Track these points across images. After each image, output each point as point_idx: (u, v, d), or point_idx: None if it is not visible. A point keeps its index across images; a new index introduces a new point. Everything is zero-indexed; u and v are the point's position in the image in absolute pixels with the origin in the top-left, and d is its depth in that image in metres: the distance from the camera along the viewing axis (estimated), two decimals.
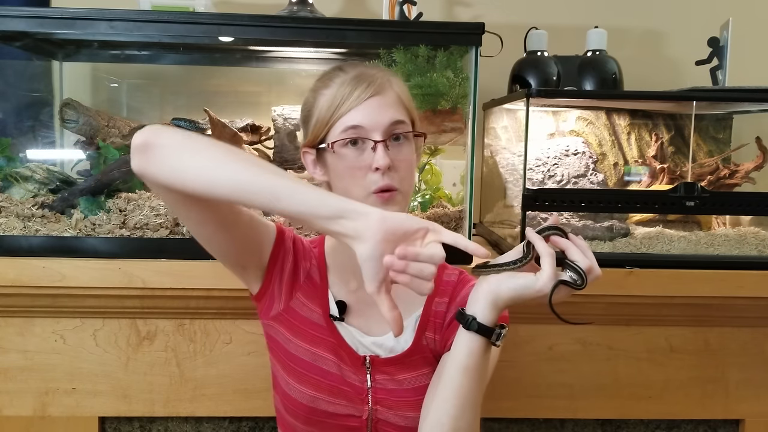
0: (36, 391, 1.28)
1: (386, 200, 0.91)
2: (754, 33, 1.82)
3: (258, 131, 1.58)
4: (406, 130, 0.94)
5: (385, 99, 0.92)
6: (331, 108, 0.92)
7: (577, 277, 0.82)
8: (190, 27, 1.28)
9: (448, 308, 0.99)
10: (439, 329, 0.98)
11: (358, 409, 0.94)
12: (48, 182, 1.40)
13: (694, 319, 1.36)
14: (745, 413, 1.40)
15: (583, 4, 1.85)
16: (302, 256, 1.01)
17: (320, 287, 1.00)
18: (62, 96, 1.58)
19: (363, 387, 0.95)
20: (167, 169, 0.79)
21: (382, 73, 0.95)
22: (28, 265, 1.21)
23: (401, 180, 0.93)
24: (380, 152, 0.90)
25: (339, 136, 0.91)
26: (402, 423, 0.94)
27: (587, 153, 1.54)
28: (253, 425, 1.35)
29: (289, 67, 1.65)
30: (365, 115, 0.90)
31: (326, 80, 0.95)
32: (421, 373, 0.97)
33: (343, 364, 0.96)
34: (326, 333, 0.97)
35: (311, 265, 1.01)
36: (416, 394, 0.95)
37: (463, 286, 1.01)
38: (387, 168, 0.90)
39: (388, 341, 0.97)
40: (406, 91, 0.98)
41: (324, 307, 0.98)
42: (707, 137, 1.69)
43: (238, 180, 0.76)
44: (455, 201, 1.51)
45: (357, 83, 0.91)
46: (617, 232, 1.42)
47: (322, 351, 0.96)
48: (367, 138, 0.91)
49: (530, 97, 1.33)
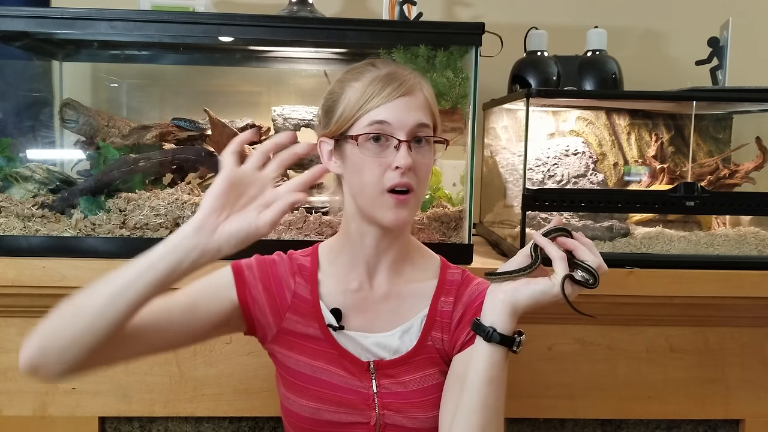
0: (36, 391, 1.28)
1: (401, 202, 0.91)
2: (754, 33, 1.82)
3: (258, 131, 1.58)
4: (429, 134, 0.94)
5: (414, 101, 0.92)
6: (359, 101, 0.91)
7: (589, 276, 0.83)
8: (190, 27, 1.28)
9: (454, 307, 0.99)
10: (447, 329, 0.98)
11: (365, 415, 0.94)
12: (48, 182, 1.40)
13: (694, 319, 1.36)
14: (745, 413, 1.40)
15: (583, 4, 1.85)
16: (279, 279, 0.98)
17: (311, 302, 0.98)
18: (62, 96, 1.58)
19: (369, 393, 0.94)
20: (67, 352, 0.80)
21: (413, 75, 0.95)
22: (28, 265, 1.21)
23: (418, 183, 0.92)
24: (403, 152, 0.90)
25: (364, 129, 0.91)
26: (411, 425, 0.94)
27: (587, 153, 1.54)
28: (253, 425, 1.35)
29: (289, 67, 1.65)
30: (393, 113, 0.90)
31: (357, 74, 0.95)
32: (427, 373, 0.96)
33: (346, 373, 0.95)
34: (325, 345, 0.96)
35: (296, 283, 0.98)
36: (424, 395, 0.95)
37: (467, 285, 1.01)
38: (407, 168, 0.90)
39: (392, 341, 0.97)
40: (434, 97, 0.98)
41: (319, 320, 0.97)
42: (707, 137, 1.69)
43: (108, 294, 0.79)
44: (455, 201, 1.51)
45: (389, 81, 0.91)
46: (617, 232, 1.42)
47: (322, 363, 0.95)
48: (391, 136, 0.91)
49: (530, 97, 1.33)
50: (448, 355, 0.98)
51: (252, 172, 0.81)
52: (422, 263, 1.04)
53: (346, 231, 1.00)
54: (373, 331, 0.98)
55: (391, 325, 0.98)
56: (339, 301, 0.98)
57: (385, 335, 0.97)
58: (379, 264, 0.99)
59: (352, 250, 0.99)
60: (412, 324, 0.98)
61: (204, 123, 1.49)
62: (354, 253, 0.99)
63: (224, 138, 1.47)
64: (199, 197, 1.36)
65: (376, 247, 0.97)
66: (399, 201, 0.91)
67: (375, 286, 0.99)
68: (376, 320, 0.98)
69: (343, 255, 1.00)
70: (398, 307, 0.99)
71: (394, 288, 0.99)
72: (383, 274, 0.99)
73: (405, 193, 0.91)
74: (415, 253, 1.04)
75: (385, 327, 0.98)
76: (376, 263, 0.99)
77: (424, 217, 1.37)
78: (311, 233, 1.32)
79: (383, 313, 0.99)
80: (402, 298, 1.00)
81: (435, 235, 1.34)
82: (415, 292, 1.00)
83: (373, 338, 0.97)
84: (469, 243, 1.31)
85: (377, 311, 0.98)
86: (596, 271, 0.83)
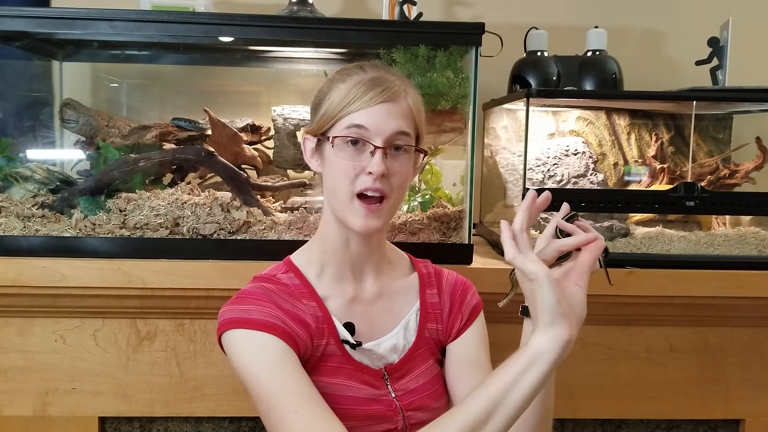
0: (36, 391, 1.28)
1: (371, 211, 0.91)
2: (754, 33, 1.82)
3: (258, 131, 1.58)
4: (408, 143, 0.93)
5: (396, 108, 0.92)
6: (341, 103, 0.91)
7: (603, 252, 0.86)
8: (190, 27, 1.28)
9: (440, 297, 1.02)
10: (438, 319, 1.01)
11: (392, 421, 0.94)
12: (48, 182, 1.40)
13: (694, 319, 1.36)
14: (745, 413, 1.40)
15: (583, 4, 1.85)
16: (294, 311, 0.92)
17: (323, 318, 0.94)
18: (62, 96, 1.58)
19: (390, 399, 0.95)
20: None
21: (400, 81, 0.94)
22: (28, 265, 1.21)
23: (392, 190, 0.92)
24: (377, 158, 0.90)
25: (342, 132, 0.91)
26: (431, 416, 0.92)
27: (587, 153, 1.54)
28: (253, 425, 1.35)
29: (289, 67, 1.65)
30: (372, 118, 0.90)
31: (344, 74, 0.95)
32: (429, 364, 0.99)
33: (366, 385, 0.94)
34: (342, 361, 0.94)
35: (306, 304, 0.94)
36: (432, 386, 0.98)
37: (441, 276, 1.05)
38: (380, 175, 0.90)
39: (398, 340, 0.98)
40: (420, 105, 0.97)
41: (334, 336, 0.94)
42: (707, 137, 1.69)
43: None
44: (455, 201, 1.51)
45: (373, 86, 0.91)
46: (617, 232, 1.42)
47: (341, 380, 0.93)
48: (368, 141, 0.90)
49: (530, 97, 1.33)
50: (442, 344, 1.01)
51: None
52: (397, 260, 1.06)
53: (324, 239, 0.98)
54: (380, 335, 0.98)
55: (391, 325, 0.99)
56: (344, 313, 0.97)
57: (391, 337, 0.98)
58: (365, 267, 0.99)
59: (336, 258, 0.98)
60: (408, 319, 1.00)
61: (204, 123, 1.49)
62: (339, 261, 0.98)
63: (224, 138, 1.47)
64: (199, 197, 1.36)
65: (361, 252, 0.97)
66: (369, 210, 0.91)
67: (365, 289, 1.00)
68: (377, 323, 0.98)
69: (329, 266, 0.98)
70: (391, 304, 1.00)
71: (383, 288, 1.01)
72: (370, 276, 1.00)
73: (378, 201, 0.91)
74: (390, 251, 1.06)
75: (387, 328, 0.98)
76: (363, 267, 0.99)
77: (424, 217, 1.38)
78: (311, 233, 1.32)
79: (380, 314, 0.99)
80: (393, 296, 1.01)
81: (435, 235, 1.34)
82: (402, 288, 1.02)
83: (384, 344, 0.97)
84: (469, 243, 1.31)
85: (374, 314, 0.99)
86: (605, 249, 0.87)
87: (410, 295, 1.02)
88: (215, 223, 1.30)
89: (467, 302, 1.03)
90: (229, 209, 1.32)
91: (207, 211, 1.31)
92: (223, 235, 1.30)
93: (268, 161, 1.57)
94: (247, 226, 1.32)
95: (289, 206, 1.43)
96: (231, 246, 1.28)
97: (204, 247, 1.28)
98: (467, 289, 1.05)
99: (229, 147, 1.48)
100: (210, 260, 1.25)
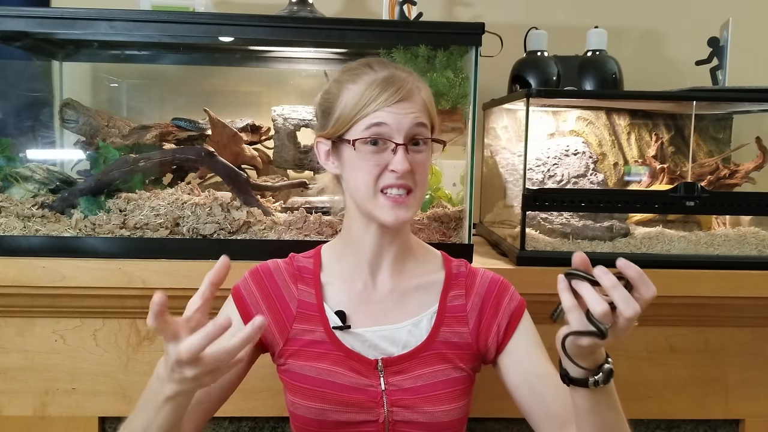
0: (36, 391, 1.28)
1: (398, 203, 0.92)
2: (754, 33, 1.82)
3: (258, 131, 1.58)
4: (426, 134, 0.95)
5: (412, 105, 0.93)
6: (357, 106, 0.92)
7: (596, 330, 0.78)
8: (190, 27, 1.28)
9: (467, 299, 1.00)
10: (462, 321, 0.99)
11: (373, 413, 0.94)
12: (48, 182, 1.40)
13: (694, 319, 1.36)
14: (745, 413, 1.40)
15: (583, 4, 1.85)
16: (280, 290, 1.00)
17: (315, 306, 0.98)
18: (62, 96, 1.58)
19: (377, 391, 0.94)
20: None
21: (411, 78, 0.95)
22: (28, 265, 1.21)
23: (416, 183, 0.94)
24: (400, 155, 0.91)
25: (361, 133, 0.91)
26: (421, 419, 0.94)
27: (587, 153, 1.54)
28: (253, 425, 1.35)
29: (289, 67, 1.65)
30: (391, 117, 0.91)
31: (353, 75, 0.95)
32: (437, 369, 0.96)
33: (353, 373, 0.95)
34: (331, 347, 0.96)
35: (299, 289, 1.00)
36: (435, 389, 0.95)
37: (474, 276, 1.03)
38: (405, 172, 0.91)
39: (401, 334, 0.97)
40: (431, 98, 0.98)
41: (324, 323, 0.97)
42: (707, 137, 1.69)
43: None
44: (455, 201, 1.51)
45: (386, 86, 0.91)
46: (617, 232, 1.42)
47: (326, 365, 0.95)
48: (389, 139, 0.91)
49: (530, 97, 1.33)
50: (471, 348, 0.99)
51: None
52: (425, 258, 1.05)
53: (348, 231, 1.01)
54: (378, 324, 0.98)
55: (396, 319, 0.98)
56: (343, 302, 0.99)
57: (392, 328, 0.97)
58: (381, 262, 1.00)
59: (355, 250, 1.00)
60: (421, 319, 0.99)
61: (204, 123, 1.49)
62: (357, 253, 1.00)
63: (224, 138, 1.47)
64: (199, 197, 1.36)
65: (377, 245, 0.98)
66: (396, 202, 0.92)
67: (378, 284, 1.00)
68: (382, 315, 0.98)
69: (347, 256, 1.01)
70: (405, 302, 1.00)
71: (399, 285, 1.00)
72: (386, 271, 1.00)
73: (404, 194, 0.93)
74: (418, 248, 1.05)
75: (390, 320, 0.98)
76: (379, 261, 0.99)
77: (424, 217, 1.38)
78: (311, 233, 1.32)
79: (389, 308, 0.99)
80: (408, 294, 1.00)
81: (435, 235, 1.34)
82: (422, 286, 1.01)
83: (381, 332, 0.97)
84: (469, 243, 1.31)
85: (384, 308, 0.99)
86: (603, 326, 0.77)
87: (429, 295, 1.00)
88: (215, 223, 1.30)
89: (504, 305, 1.00)
90: (229, 209, 1.33)
91: (207, 211, 1.31)
92: (223, 235, 1.30)
93: (268, 161, 1.57)
94: (247, 226, 1.32)
95: (289, 206, 1.43)
96: (231, 246, 1.28)
97: (204, 247, 1.29)
98: (503, 290, 1.02)
99: (229, 147, 1.48)
100: (210, 260, 1.25)
